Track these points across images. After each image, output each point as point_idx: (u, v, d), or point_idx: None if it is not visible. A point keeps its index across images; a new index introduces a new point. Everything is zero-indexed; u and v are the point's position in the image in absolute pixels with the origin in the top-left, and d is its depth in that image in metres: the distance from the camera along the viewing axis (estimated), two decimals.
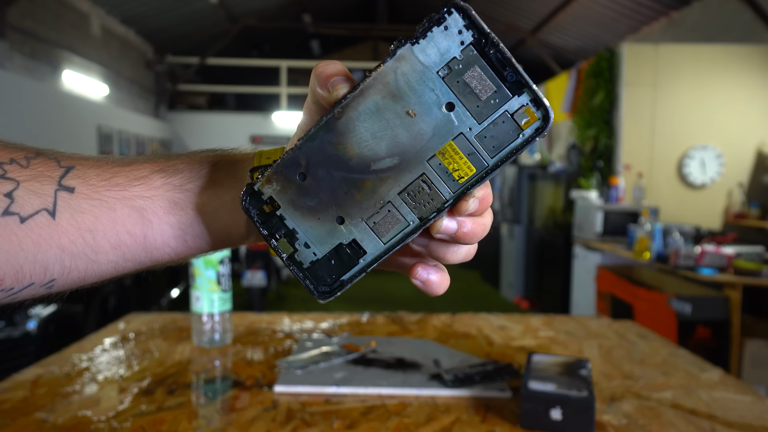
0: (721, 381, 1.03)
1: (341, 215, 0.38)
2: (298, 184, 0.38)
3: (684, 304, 2.97)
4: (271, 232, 0.39)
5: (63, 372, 1.04)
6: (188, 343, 1.22)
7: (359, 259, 0.39)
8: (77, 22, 8.02)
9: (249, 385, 0.98)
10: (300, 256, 0.40)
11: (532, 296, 6.41)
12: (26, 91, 6.32)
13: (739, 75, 5.14)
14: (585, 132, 5.50)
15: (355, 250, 0.39)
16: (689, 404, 0.92)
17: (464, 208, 0.37)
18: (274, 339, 1.26)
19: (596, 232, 4.71)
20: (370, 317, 1.47)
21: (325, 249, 0.39)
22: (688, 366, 1.11)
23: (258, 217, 0.39)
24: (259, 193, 0.39)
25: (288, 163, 0.38)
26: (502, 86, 0.36)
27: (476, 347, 1.21)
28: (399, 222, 0.38)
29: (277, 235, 0.39)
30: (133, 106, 10.18)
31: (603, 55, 5.27)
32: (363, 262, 0.39)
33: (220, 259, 1.19)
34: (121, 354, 1.14)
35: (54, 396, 0.92)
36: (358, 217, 0.38)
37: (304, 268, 0.40)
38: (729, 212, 5.17)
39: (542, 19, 10.37)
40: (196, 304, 1.19)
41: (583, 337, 1.31)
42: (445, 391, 0.94)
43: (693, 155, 5.12)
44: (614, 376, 1.04)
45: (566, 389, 0.82)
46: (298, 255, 0.39)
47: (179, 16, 10.04)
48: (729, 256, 3.35)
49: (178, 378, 1.01)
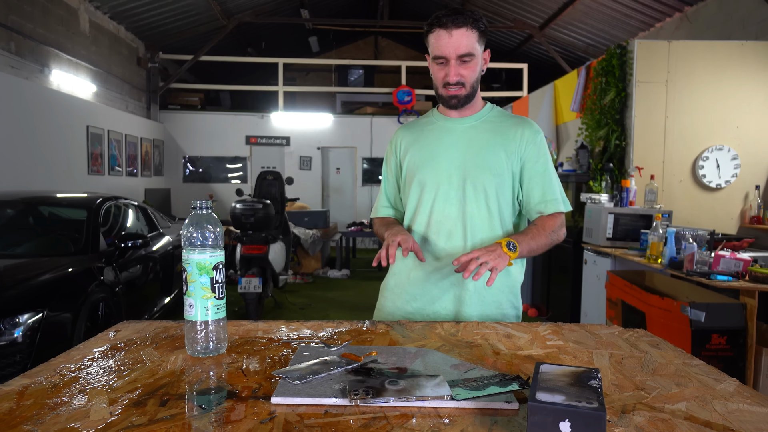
0: (737, 392, 1.03)
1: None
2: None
3: (698, 312, 2.96)
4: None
5: (51, 383, 1.04)
6: (181, 352, 1.22)
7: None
8: (65, 18, 8.04)
9: (245, 396, 0.98)
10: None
11: (539, 304, 6.41)
12: (12, 89, 6.33)
13: (756, 72, 5.14)
14: (595, 132, 5.50)
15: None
16: (704, 416, 0.92)
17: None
18: (271, 348, 1.26)
19: (607, 237, 4.71)
20: (371, 325, 1.48)
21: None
22: (702, 376, 1.11)
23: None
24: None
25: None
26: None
27: (482, 357, 1.21)
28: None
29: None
30: (123, 106, 10.20)
31: (614, 52, 5.28)
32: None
33: (214, 265, 1.19)
34: (111, 364, 1.14)
35: (41, 407, 0.93)
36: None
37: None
38: (745, 216, 5.17)
39: (550, 14, 10.38)
40: (190, 312, 1.19)
41: (593, 346, 1.31)
42: (449, 403, 0.94)
43: (708, 156, 5.12)
44: (626, 387, 1.04)
45: (576, 401, 0.82)
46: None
47: (172, 11, 10.06)
48: (745, 261, 3.34)
49: (170, 389, 1.01)
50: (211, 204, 1.23)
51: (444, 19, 1.65)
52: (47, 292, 3.43)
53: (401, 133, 1.92)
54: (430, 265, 1.77)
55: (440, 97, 1.76)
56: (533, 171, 1.76)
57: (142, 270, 4.81)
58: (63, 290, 3.56)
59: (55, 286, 3.53)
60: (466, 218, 1.74)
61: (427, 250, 1.77)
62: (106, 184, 8.68)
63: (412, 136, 1.86)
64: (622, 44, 5.30)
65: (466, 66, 1.69)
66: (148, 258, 4.96)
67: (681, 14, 8.11)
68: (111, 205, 4.81)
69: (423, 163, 1.79)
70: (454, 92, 1.71)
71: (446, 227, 1.75)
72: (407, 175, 1.84)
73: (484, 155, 1.73)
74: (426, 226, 1.77)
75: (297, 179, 11.60)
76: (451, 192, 1.74)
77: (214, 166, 12.29)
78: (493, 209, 1.74)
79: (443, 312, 1.76)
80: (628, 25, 9.26)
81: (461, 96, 1.72)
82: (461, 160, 1.74)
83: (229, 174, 12.38)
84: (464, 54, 1.66)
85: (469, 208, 1.73)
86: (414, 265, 1.79)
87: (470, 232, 1.73)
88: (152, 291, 5.08)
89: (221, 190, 12.00)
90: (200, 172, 12.26)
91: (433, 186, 1.76)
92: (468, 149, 1.75)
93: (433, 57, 1.71)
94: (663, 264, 3.82)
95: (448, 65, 1.68)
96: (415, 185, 1.80)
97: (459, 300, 1.75)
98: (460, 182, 1.73)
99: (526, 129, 1.76)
